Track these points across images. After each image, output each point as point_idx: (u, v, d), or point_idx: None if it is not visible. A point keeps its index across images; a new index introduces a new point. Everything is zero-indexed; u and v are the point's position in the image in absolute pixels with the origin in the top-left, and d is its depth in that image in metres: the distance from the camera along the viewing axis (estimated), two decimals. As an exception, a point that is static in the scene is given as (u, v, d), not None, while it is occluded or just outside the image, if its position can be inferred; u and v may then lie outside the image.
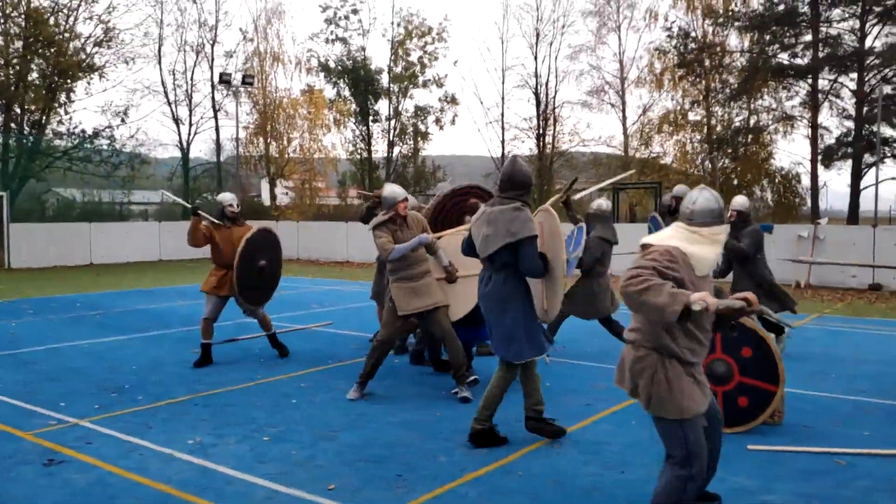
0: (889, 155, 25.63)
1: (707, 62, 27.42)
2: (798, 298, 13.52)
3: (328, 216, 32.21)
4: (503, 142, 33.68)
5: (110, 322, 10.93)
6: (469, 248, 5.44)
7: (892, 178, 25.57)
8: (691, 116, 28.91)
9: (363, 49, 33.84)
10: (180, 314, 11.61)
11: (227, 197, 8.13)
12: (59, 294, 14.56)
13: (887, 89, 25.12)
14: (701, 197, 3.50)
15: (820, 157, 25.26)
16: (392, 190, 6.49)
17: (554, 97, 32.82)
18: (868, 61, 24.88)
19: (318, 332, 9.97)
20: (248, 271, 7.76)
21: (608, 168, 32.22)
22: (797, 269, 14.88)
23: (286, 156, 33.88)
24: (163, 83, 32.03)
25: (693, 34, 27.79)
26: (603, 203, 8.11)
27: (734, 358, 5.36)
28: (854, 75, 25.30)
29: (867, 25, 24.91)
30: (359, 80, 33.26)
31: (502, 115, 33.79)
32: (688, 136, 28.84)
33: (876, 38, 24.97)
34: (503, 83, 39.94)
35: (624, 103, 31.56)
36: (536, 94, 32.75)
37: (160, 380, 7.22)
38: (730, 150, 26.89)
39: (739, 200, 7.95)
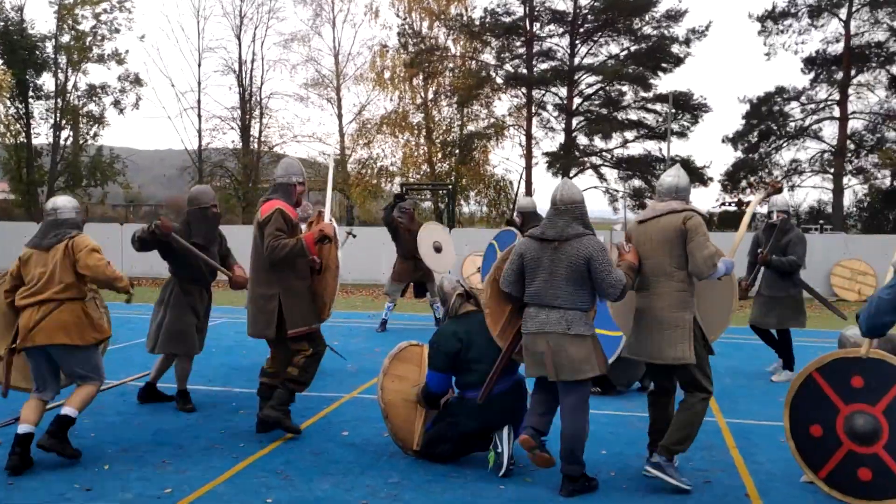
0: (589, 166, 27.84)
1: (431, 65, 27.16)
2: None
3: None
4: (200, 132, 29.99)
5: None
6: None
7: (594, 188, 27.71)
8: (412, 119, 28.47)
9: (20, 9, 27.80)
10: None
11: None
12: None
13: (585, 105, 27.31)
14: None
15: (546, 164, 26.50)
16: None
17: (261, 87, 30.21)
18: (577, 77, 26.71)
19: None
20: None
21: (323, 169, 30.48)
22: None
23: None
24: None
25: (422, 34, 27.40)
26: None
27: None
28: (564, 90, 26.98)
29: (576, 44, 26.75)
30: (15, 47, 27.10)
31: (199, 101, 30.05)
32: (411, 138, 28.30)
33: (584, 57, 26.93)
34: (200, 66, 35.94)
35: (339, 100, 30.08)
36: (241, 82, 29.75)
37: None
38: (457, 154, 26.96)
39: (784, 200, 6.92)
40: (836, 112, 25.28)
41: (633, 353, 4.46)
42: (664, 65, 26.18)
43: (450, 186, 21.62)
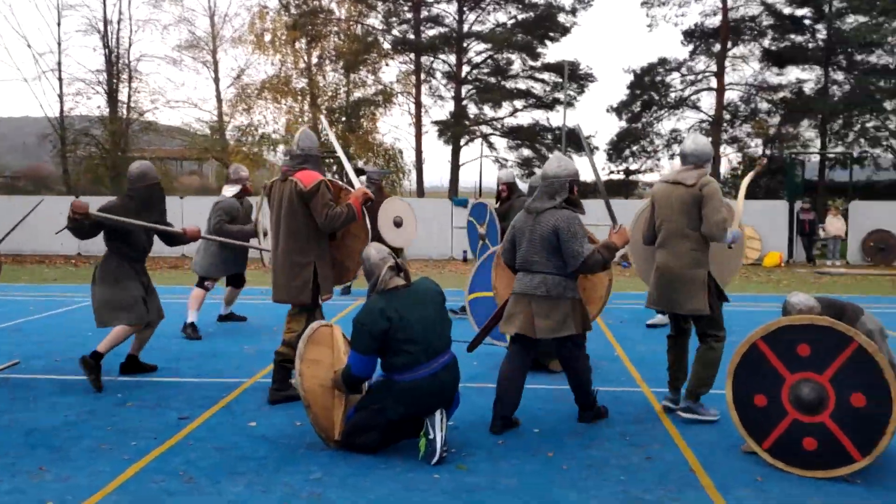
0: (479, 135, 27.67)
1: (314, 29, 26.05)
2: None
3: None
4: (62, 97, 27.56)
5: None
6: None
7: (484, 157, 27.58)
8: (296, 84, 27.26)
9: None
10: None
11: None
12: None
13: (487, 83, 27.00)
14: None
15: (437, 132, 26.09)
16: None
17: (129, 48, 28.05)
18: (466, 44, 26.36)
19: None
20: None
21: (198, 136, 28.87)
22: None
23: None
24: None
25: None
26: None
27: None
28: (453, 58, 26.58)
29: (464, 10, 26.35)
30: None
31: (59, 64, 27.55)
32: (295, 104, 27.11)
33: (472, 24, 26.59)
34: (59, 25, 33.03)
35: (216, 63, 28.39)
36: (106, 43, 27.51)
37: None
38: (345, 122, 26.08)
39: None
40: (714, 83, 26.17)
41: (654, 304, 4.90)
42: (551, 34, 26.22)
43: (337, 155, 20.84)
